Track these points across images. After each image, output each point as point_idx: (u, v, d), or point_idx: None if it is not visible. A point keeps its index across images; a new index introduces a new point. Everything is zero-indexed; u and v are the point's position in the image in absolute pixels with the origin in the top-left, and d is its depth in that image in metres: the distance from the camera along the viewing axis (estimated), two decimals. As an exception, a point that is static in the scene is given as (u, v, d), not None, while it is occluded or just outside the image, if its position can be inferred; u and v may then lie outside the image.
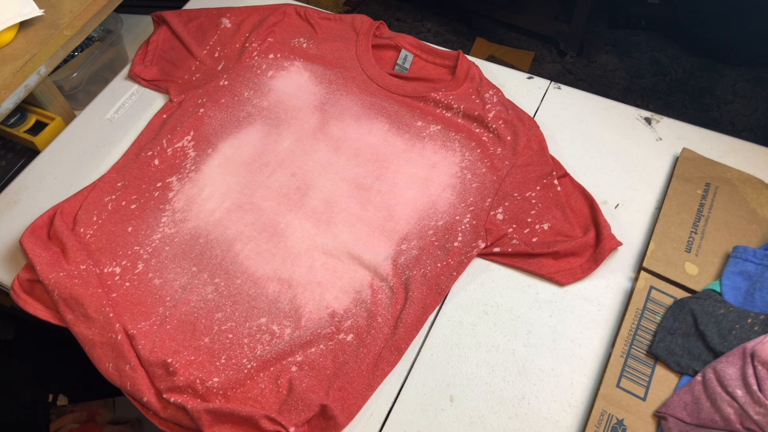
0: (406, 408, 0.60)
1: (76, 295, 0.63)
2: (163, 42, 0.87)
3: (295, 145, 0.77)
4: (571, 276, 0.66)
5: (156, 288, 0.66)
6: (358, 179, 0.74)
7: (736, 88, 1.68)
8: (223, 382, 0.59)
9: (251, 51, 0.85)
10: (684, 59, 1.75)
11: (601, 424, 0.56)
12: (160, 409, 0.59)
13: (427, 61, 0.85)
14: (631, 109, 0.80)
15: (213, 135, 0.78)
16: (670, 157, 0.76)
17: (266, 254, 0.68)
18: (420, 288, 0.65)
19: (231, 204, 0.72)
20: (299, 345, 0.62)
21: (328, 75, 0.83)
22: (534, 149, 0.74)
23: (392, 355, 0.62)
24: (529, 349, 0.63)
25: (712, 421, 0.53)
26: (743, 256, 0.62)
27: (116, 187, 0.74)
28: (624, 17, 1.82)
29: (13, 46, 0.73)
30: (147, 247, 0.69)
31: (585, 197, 0.71)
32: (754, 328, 0.57)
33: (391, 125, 0.78)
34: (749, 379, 0.52)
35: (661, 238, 0.66)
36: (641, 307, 0.62)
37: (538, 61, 1.80)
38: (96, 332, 0.62)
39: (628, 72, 1.75)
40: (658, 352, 0.58)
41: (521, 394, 0.60)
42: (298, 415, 0.57)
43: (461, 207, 0.71)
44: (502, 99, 0.79)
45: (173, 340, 0.63)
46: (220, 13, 0.89)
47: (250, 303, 0.65)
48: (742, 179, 0.70)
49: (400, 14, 1.95)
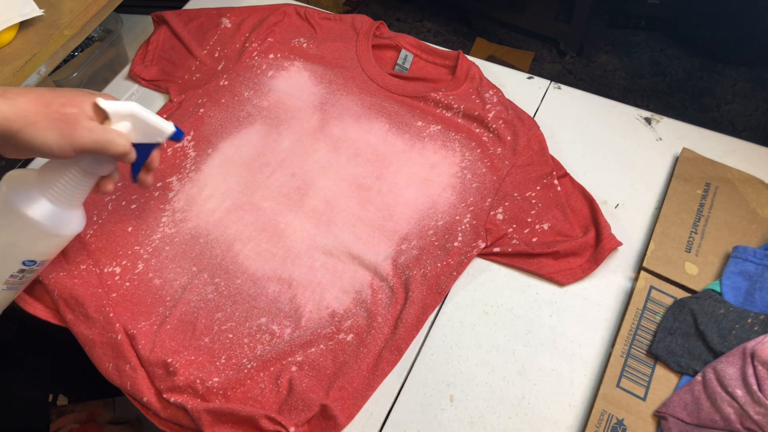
0: (406, 408, 0.60)
1: (76, 295, 0.63)
2: (163, 42, 0.87)
3: (295, 145, 0.77)
4: (571, 276, 0.66)
5: (156, 288, 0.66)
6: (358, 179, 0.74)
7: (736, 88, 1.68)
8: (223, 382, 0.59)
9: (251, 51, 0.85)
10: (684, 59, 1.75)
11: (601, 424, 0.56)
12: (160, 409, 0.59)
13: (427, 61, 0.85)
14: (631, 109, 0.80)
15: (213, 135, 0.78)
16: (670, 157, 0.76)
17: (266, 254, 0.68)
18: (420, 288, 0.65)
19: (231, 204, 0.72)
20: (299, 345, 0.62)
21: (328, 75, 0.83)
22: (534, 149, 0.74)
23: (392, 355, 0.62)
24: (529, 349, 0.63)
25: (712, 421, 0.53)
26: (743, 256, 0.62)
27: (116, 187, 0.74)
28: (624, 17, 1.82)
29: (13, 46, 0.73)
30: (147, 247, 0.69)
31: (585, 197, 0.71)
32: (754, 328, 0.57)
33: (391, 125, 0.78)
34: (749, 379, 0.53)
35: (661, 238, 0.66)
36: (641, 307, 0.62)
37: (538, 61, 1.80)
38: (96, 332, 0.62)
39: (628, 72, 1.75)
40: (658, 352, 0.58)
41: (521, 394, 0.60)
42: (298, 415, 0.57)
43: (461, 207, 0.71)
44: (502, 99, 0.79)
45: (173, 340, 0.63)
46: (220, 13, 0.89)
47: (250, 303, 0.65)
48: (742, 179, 0.70)
49: (400, 14, 1.95)
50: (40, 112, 0.47)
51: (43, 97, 0.48)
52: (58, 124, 0.47)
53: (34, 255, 0.57)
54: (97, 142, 0.50)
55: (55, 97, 0.49)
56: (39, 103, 0.47)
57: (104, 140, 0.50)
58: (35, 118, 0.47)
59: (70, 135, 0.48)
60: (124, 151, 0.52)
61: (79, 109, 0.49)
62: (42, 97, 0.48)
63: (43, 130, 0.47)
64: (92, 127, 0.50)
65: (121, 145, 0.52)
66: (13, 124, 0.46)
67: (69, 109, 0.49)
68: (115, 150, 0.52)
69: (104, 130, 0.51)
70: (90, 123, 0.50)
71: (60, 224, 0.56)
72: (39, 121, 0.47)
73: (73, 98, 0.50)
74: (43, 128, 0.47)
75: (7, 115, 0.46)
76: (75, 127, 0.48)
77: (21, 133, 0.46)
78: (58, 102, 0.48)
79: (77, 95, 0.51)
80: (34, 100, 0.47)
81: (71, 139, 0.48)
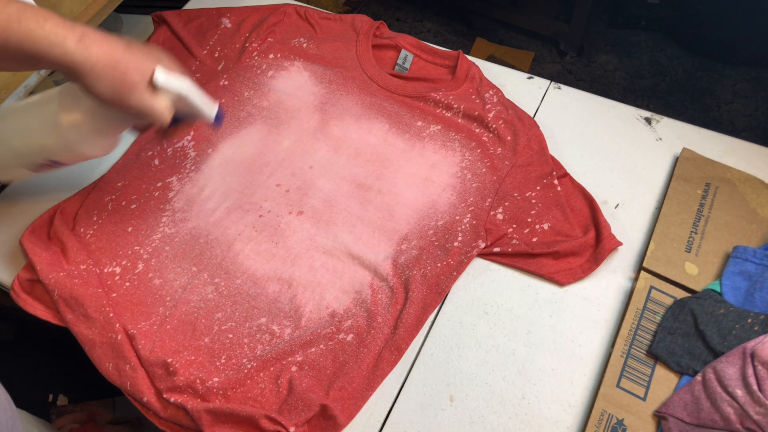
0: (406, 408, 0.60)
1: (76, 295, 0.63)
2: (163, 42, 0.87)
3: (295, 145, 0.77)
4: (571, 276, 0.66)
5: (156, 288, 0.66)
6: (358, 179, 0.74)
7: (736, 88, 1.68)
8: (223, 382, 0.59)
9: (251, 51, 0.85)
10: (684, 59, 1.75)
11: (601, 424, 0.56)
12: (160, 409, 0.59)
13: (427, 61, 0.85)
14: (631, 109, 0.80)
15: (213, 135, 0.78)
16: (670, 157, 0.76)
17: (266, 254, 0.68)
18: (420, 288, 0.65)
19: (231, 204, 0.72)
20: (299, 345, 0.62)
21: (328, 75, 0.83)
22: (534, 149, 0.74)
23: (392, 355, 0.62)
24: (529, 349, 0.63)
25: (712, 421, 0.53)
26: (743, 256, 0.62)
27: (116, 187, 0.74)
28: (624, 17, 1.82)
29: (13, 46, 0.73)
30: (147, 247, 0.69)
31: (585, 197, 0.71)
32: (754, 328, 0.57)
33: (391, 125, 0.78)
34: (749, 379, 0.52)
35: (661, 238, 0.66)
36: (641, 307, 0.62)
37: (538, 61, 1.80)
38: (96, 332, 0.62)
39: (628, 72, 1.75)
40: (658, 352, 0.58)
41: (521, 394, 0.60)
42: (298, 415, 0.57)
43: (461, 207, 0.71)
44: (502, 99, 0.79)
45: (173, 340, 0.63)
46: (220, 13, 0.89)
47: (250, 303, 0.65)
48: (742, 179, 0.70)
49: (400, 14, 1.95)
50: (107, 68, 0.51)
51: (115, 52, 0.52)
52: (117, 83, 0.52)
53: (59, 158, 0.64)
54: (142, 108, 0.55)
55: (125, 57, 0.53)
56: (109, 59, 0.51)
57: (149, 109, 0.55)
58: (101, 72, 0.51)
59: (123, 95, 0.53)
60: (161, 122, 0.58)
61: (141, 76, 0.54)
62: (114, 52, 0.52)
63: (102, 83, 0.52)
64: (144, 95, 0.55)
65: (161, 117, 0.57)
66: (81, 68, 0.51)
67: (131, 75, 0.53)
68: (154, 120, 0.57)
69: (152, 101, 0.55)
70: (143, 92, 0.55)
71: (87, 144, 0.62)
72: (102, 76, 0.52)
73: (140, 63, 0.54)
74: (103, 83, 0.52)
75: (77, 60, 0.50)
76: (130, 91, 0.53)
77: (84, 78, 0.51)
78: (125, 64, 0.52)
79: (145, 60, 0.54)
80: (105, 54, 0.51)
81: (121, 99, 0.54)
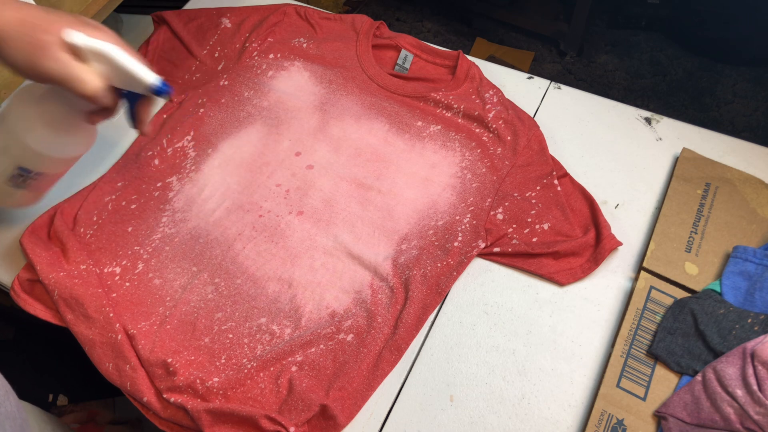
0: (406, 408, 0.60)
1: (76, 295, 0.63)
2: (163, 42, 0.87)
3: (295, 145, 0.77)
4: (571, 276, 0.66)
5: (156, 288, 0.66)
6: (358, 179, 0.74)
7: (736, 88, 1.68)
8: (223, 382, 0.59)
9: (251, 51, 0.85)
10: (684, 59, 1.75)
11: (601, 424, 0.56)
12: (160, 409, 0.59)
13: (427, 61, 0.85)
14: (631, 109, 0.80)
15: (213, 135, 0.78)
16: (670, 157, 0.76)
17: (266, 254, 0.68)
18: (420, 288, 0.65)
19: (231, 204, 0.72)
20: (299, 345, 0.62)
21: (328, 75, 0.83)
22: (534, 149, 0.74)
23: (392, 355, 0.62)
24: (529, 349, 0.63)
25: (712, 421, 0.53)
26: (743, 256, 0.62)
27: (116, 187, 0.74)
28: (624, 17, 1.82)
29: (13, 46, 0.73)
30: (147, 247, 0.69)
31: (585, 197, 0.71)
32: (754, 328, 0.57)
33: (391, 125, 0.78)
34: (749, 379, 0.52)
35: (661, 238, 0.66)
36: (641, 307, 0.62)
37: (538, 61, 1.80)
38: (96, 332, 0.62)
39: (628, 72, 1.75)
40: (658, 352, 0.58)
41: (521, 394, 0.60)
42: (298, 415, 0.57)
43: (461, 207, 0.71)
44: (502, 99, 0.79)
45: (173, 340, 0.63)
46: (220, 13, 0.89)
47: (250, 303, 0.65)
48: (742, 179, 0.70)
49: (400, 14, 1.95)
50: (17, 30, 0.45)
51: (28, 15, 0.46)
52: (28, 47, 0.46)
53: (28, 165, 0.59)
54: (61, 74, 0.47)
55: (38, 19, 0.46)
56: (20, 21, 0.46)
57: (69, 75, 0.48)
58: (12, 35, 0.45)
59: (36, 61, 0.46)
60: (92, 92, 0.49)
61: (55, 36, 0.47)
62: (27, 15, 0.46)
63: (15, 49, 0.46)
64: (60, 58, 0.47)
65: (89, 84, 0.48)
66: None
67: (43, 36, 0.46)
68: (81, 88, 0.49)
69: (71, 65, 0.48)
70: (59, 54, 0.47)
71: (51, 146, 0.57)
72: (14, 40, 0.45)
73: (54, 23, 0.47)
74: (15, 48, 0.46)
75: None
76: (43, 54, 0.46)
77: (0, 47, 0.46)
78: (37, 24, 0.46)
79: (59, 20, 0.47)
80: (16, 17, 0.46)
81: (35, 66, 0.47)
